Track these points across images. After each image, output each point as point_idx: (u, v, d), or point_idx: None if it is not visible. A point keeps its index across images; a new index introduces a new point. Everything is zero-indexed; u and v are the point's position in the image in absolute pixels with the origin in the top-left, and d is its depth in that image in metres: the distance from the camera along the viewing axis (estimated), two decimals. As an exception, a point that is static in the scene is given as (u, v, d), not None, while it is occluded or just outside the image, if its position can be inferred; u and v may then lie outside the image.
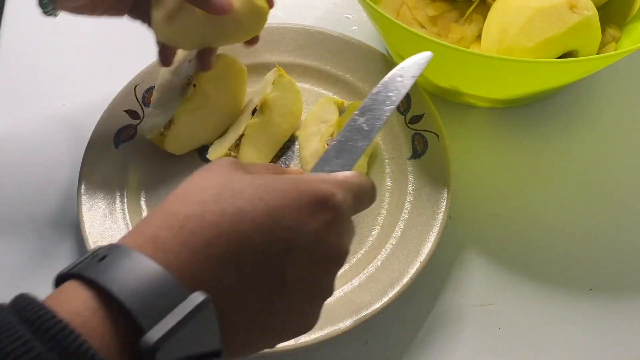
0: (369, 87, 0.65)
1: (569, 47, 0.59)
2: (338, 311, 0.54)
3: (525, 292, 0.58)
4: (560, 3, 0.58)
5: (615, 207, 0.63)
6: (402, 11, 0.69)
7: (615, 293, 0.58)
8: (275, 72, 0.62)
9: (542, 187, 0.64)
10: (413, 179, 0.61)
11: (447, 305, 0.57)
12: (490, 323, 0.56)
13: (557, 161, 0.65)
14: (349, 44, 0.67)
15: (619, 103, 0.69)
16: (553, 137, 0.66)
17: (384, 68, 0.65)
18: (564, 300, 0.58)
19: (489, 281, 0.58)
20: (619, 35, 0.65)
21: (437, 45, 0.54)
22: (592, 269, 0.59)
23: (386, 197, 0.61)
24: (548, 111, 0.68)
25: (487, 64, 0.55)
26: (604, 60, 0.56)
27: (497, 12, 0.61)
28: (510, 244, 0.60)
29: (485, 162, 0.65)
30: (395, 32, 0.58)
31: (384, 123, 0.45)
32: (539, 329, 0.56)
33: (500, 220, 0.62)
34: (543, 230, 0.61)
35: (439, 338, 0.56)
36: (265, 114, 0.61)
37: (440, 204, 0.58)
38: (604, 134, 0.67)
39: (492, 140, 0.66)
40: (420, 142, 0.62)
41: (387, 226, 0.59)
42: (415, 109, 0.63)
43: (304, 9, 0.75)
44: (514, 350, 0.55)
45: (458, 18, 0.67)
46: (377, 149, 0.63)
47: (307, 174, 0.42)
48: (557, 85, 0.63)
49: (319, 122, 0.62)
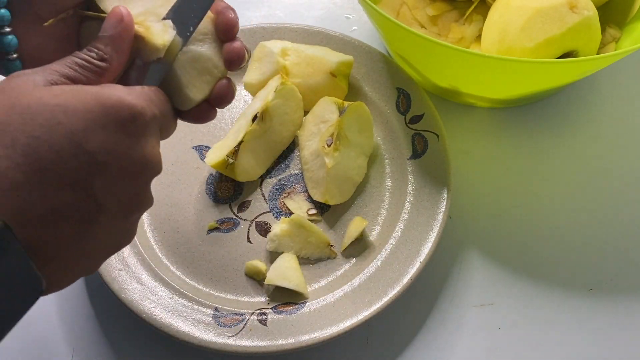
0: (369, 87, 0.65)
1: (569, 47, 0.59)
2: (338, 311, 0.54)
3: (525, 292, 0.58)
4: (560, 3, 0.58)
5: (615, 207, 0.63)
6: (402, 11, 0.69)
7: (615, 293, 0.58)
8: (279, 79, 0.62)
9: (542, 187, 0.64)
10: (413, 179, 0.61)
11: (447, 305, 0.57)
12: (490, 323, 0.56)
13: (557, 161, 0.65)
14: (349, 44, 0.67)
15: (619, 103, 0.69)
16: (553, 137, 0.66)
17: (384, 68, 0.66)
18: (564, 300, 0.58)
19: (489, 281, 0.58)
20: (619, 35, 0.65)
21: (437, 45, 0.54)
22: (592, 269, 0.59)
23: (386, 197, 0.61)
24: (548, 111, 0.68)
25: (487, 64, 0.55)
26: (604, 60, 0.56)
27: (497, 12, 0.62)
28: (510, 244, 0.60)
29: (486, 162, 0.65)
30: (395, 32, 0.58)
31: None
32: (539, 329, 0.56)
33: (500, 220, 0.62)
34: (543, 230, 0.61)
35: (439, 338, 0.56)
36: (265, 122, 0.61)
37: (440, 204, 0.58)
38: (604, 134, 0.67)
39: (492, 140, 0.66)
40: (420, 142, 0.62)
41: (387, 226, 0.59)
42: (415, 109, 0.63)
43: (304, 9, 0.75)
44: (514, 350, 0.55)
45: (458, 18, 0.68)
46: (377, 149, 0.63)
47: (110, 86, 0.37)
48: (557, 85, 0.63)
49: (319, 122, 0.62)
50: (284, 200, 0.61)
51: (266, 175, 0.62)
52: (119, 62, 0.39)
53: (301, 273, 0.57)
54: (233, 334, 0.52)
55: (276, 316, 0.54)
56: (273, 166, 0.63)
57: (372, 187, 0.62)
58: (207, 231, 0.59)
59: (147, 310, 0.53)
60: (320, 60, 0.64)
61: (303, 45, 0.66)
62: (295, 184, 0.62)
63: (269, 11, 0.76)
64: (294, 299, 0.55)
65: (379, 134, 0.64)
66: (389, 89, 0.65)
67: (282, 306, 0.55)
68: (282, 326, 0.53)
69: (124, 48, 0.39)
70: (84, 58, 0.37)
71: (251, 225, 0.60)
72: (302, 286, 0.56)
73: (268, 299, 0.56)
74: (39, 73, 0.35)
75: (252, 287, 0.57)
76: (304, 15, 0.74)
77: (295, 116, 0.63)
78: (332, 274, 0.57)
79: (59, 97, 0.33)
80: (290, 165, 0.63)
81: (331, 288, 0.56)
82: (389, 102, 0.65)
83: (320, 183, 0.60)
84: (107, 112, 0.34)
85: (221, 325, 0.53)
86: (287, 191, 0.61)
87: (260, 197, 0.61)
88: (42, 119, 0.32)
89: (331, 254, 0.58)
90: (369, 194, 0.61)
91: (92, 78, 0.37)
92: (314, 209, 0.60)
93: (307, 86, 0.64)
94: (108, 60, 0.38)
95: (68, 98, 0.34)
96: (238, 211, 0.60)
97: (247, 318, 0.54)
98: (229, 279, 0.57)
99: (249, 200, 0.61)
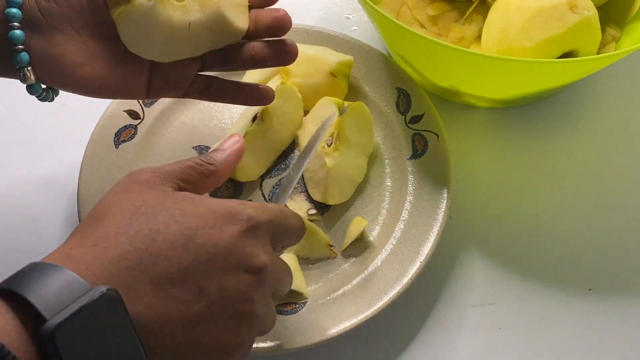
0: (369, 87, 0.65)
1: (569, 47, 0.59)
2: (338, 311, 0.54)
3: (525, 292, 0.58)
4: (560, 3, 0.58)
5: (615, 207, 0.63)
6: (402, 11, 0.69)
7: (615, 293, 0.58)
8: (279, 79, 0.62)
9: (542, 187, 0.64)
10: (413, 179, 0.61)
11: (447, 305, 0.57)
12: (490, 323, 0.56)
13: (557, 161, 0.65)
14: (349, 44, 0.67)
15: (619, 103, 0.69)
16: (553, 137, 0.66)
17: (384, 68, 0.65)
18: (564, 300, 0.58)
19: (489, 281, 0.58)
20: (619, 35, 0.65)
21: (437, 45, 0.54)
22: (592, 269, 0.59)
23: (386, 197, 0.61)
24: (548, 111, 0.68)
25: (487, 64, 0.55)
26: (604, 60, 0.56)
27: (497, 12, 0.61)
28: (510, 244, 0.60)
29: (485, 162, 0.65)
30: (395, 32, 0.58)
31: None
32: (539, 329, 0.56)
33: (500, 220, 0.62)
34: (543, 230, 0.61)
35: (439, 338, 0.56)
36: (265, 122, 0.61)
37: (440, 204, 0.58)
38: (604, 134, 0.67)
39: (492, 140, 0.66)
40: (420, 142, 0.62)
41: (387, 226, 0.59)
42: (415, 109, 0.63)
43: (304, 9, 0.75)
44: (514, 350, 0.55)
45: (458, 18, 0.68)
46: (377, 149, 0.63)
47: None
48: (557, 85, 0.63)
49: (319, 122, 0.61)
50: (284, 200, 0.61)
51: (266, 175, 0.62)
52: (224, 171, 0.44)
53: (301, 273, 0.56)
54: (233, 334, 0.52)
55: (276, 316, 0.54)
56: (273, 166, 0.63)
57: (372, 187, 0.62)
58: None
59: (147, 310, 0.53)
60: (320, 60, 0.64)
61: (303, 45, 0.66)
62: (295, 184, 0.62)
63: (269, 11, 0.76)
64: (294, 299, 0.55)
65: (379, 134, 0.64)
66: (389, 89, 0.65)
67: (282, 306, 0.55)
68: (282, 326, 0.53)
69: (233, 163, 0.45)
70: (195, 161, 0.43)
71: (251, 225, 0.60)
72: (302, 286, 0.56)
73: (268, 299, 0.56)
74: (161, 181, 0.40)
75: (252, 287, 0.57)
76: (304, 15, 0.74)
77: (295, 116, 0.63)
78: (332, 274, 0.57)
79: (179, 204, 0.38)
80: (290, 165, 0.63)
81: (331, 288, 0.56)
82: (389, 102, 0.65)
83: (320, 183, 0.60)
84: (218, 216, 0.38)
85: (221, 325, 0.53)
86: (287, 191, 0.61)
87: (261, 197, 0.61)
88: (162, 218, 0.37)
89: (331, 254, 0.58)
90: (369, 194, 0.61)
91: (198, 178, 0.42)
92: (314, 209, 0.60)
93: (307, 86, 0.64)
94: (215, 164, 0.43)
95: (187, 204, 0.38)
96: (238, 211, 0.60)
97: (247, 318, 0.54)
98: (229, 279, 0.57)
99: (249, 200, 0.61)
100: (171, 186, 0.40)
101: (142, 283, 0.35)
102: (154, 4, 0.47)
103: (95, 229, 0.36)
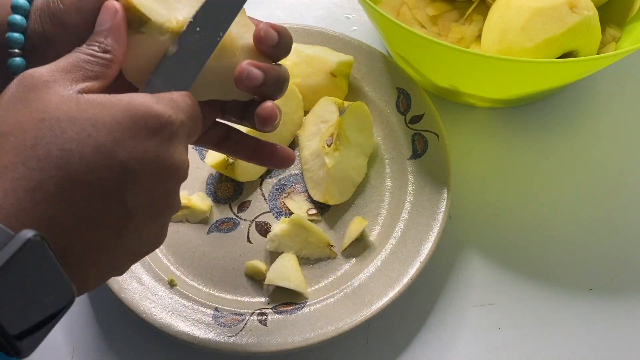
0: (369, 87, 0.65)
1: (569, 47, 0.59)
2: (338, 311, 0.54)
3: (525, 292, 0.58)
4: (560, 3, 0.58)
5: (616, 207, 0.63)
6: (402, 11, 0.69)
7: (615, 293, 0.58)
8: None
9: (542, 187, 0.64)
10: (413, 179, 0.61)
11: (447, 305, 0.57)
12: (490, 323, 0.56)
13: (557, 161, 0.65)
14: (349, 44, 0.67)
15: (619, 103, 0.69)
16: (553, 137, 0.66)
17: (384, 68, 0.65)
18: (564, 300, 0.58)
19: (489, 281, 0.58)
20: (619, 35, 0.65)
21: (437, 45, 0.54)
22: (592, 269, 0.59)
23: (386, 197, 0.61)
24: (548, 111, 0.68)
25: (487, 64, 0.55)
26: (604, 60, 0.56)
27: (497, 12, 0.61)
28: (510, 244, 0.60)
29: (485, 162, 0.65)
30: (395, 32, 0.58)
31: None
32: (539, 329, 0.56)
33: (500, 220, 0.62)
34: (543, 230, 0.61)
35: (439, 338, 0.56)
36: None
37: (440, 204, 0.58)
38: (604, 134, 0.67)
39: (492, 140, 0.66)
40: (420, 142, 0.62)
41: (387, 226, 0.59)
42: (415, 109, 0.63)
43: (304, 9, 0.75)
44: (514, 350, 0.55)
45: (458, 18, 0.68)
46: (377, 149, 0.63)
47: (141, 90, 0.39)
48: (557, 85, 0.63)
49: (319, 122, 0.62)
50: (284, 200, 0.61)
51: (266, 175, 0.62)
52: (120, 53, 0.39)
53: (301, 273, 0.57)
54: (233, 334, 0.52)
55: (276, 316, 0.54)
56: (273, 166, 0.63)
57: (372, 187, 0.62)
58: (207, 231, 0.59)
59: (147, 310, 0.53)
60: (320, 60, 0.64)
61: (303, 45, 0.66)
62: (295, 184, 0.62)
63: (268, 11, 0.76)
64: (294, 299, 0.55)
65: (379, 134, 0.64)
66: (389, 89, 0.65)
67: (282, 306, 0.55)
68: (282, 326, 0.53)
69: (123, 38, 0.39)
70: (88, 53, 0.37)
71: (251, 225, 0.60)
72: (302, 286, 0.56)
73: (268, 299, 0.56)
74: (58, 82, 0.35)
75: (252, 287, 0.57)
76: (304, 15, 0.74)
77: (295, 116, 0.63)
78: (332, 274, 0.57)
79: (87, 111, 0.34)
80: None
81: (331, 288, 0.56)
82: (389, 102, 0.65)
83: (320, 183, 0.60)
84: (135, 122, 0.35)
85: (221, 325, 0.53)
86: (287, 191, 0.61)
87: (261, 197, 0.61)
88: (72, 132, 0.33)
89: (331, 254, 0.58)
90: (369, 194, 0.61)
91: (100, 71, 0.37)
92: (314, 209, 0.60)
93: (307, 86, 0.64)
94: (111, 51, 0.38)
95: (96, 112, 0.34)
96: (238, 211, 0.60)
97: (247, 318, 0.54)
98: (229, 279, 0.57)
99: (249, 200, 0.61)
100: (72, 86, 0.35)
101: (64, 216, 0.33)
102: (167, 37, 0.42)
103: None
